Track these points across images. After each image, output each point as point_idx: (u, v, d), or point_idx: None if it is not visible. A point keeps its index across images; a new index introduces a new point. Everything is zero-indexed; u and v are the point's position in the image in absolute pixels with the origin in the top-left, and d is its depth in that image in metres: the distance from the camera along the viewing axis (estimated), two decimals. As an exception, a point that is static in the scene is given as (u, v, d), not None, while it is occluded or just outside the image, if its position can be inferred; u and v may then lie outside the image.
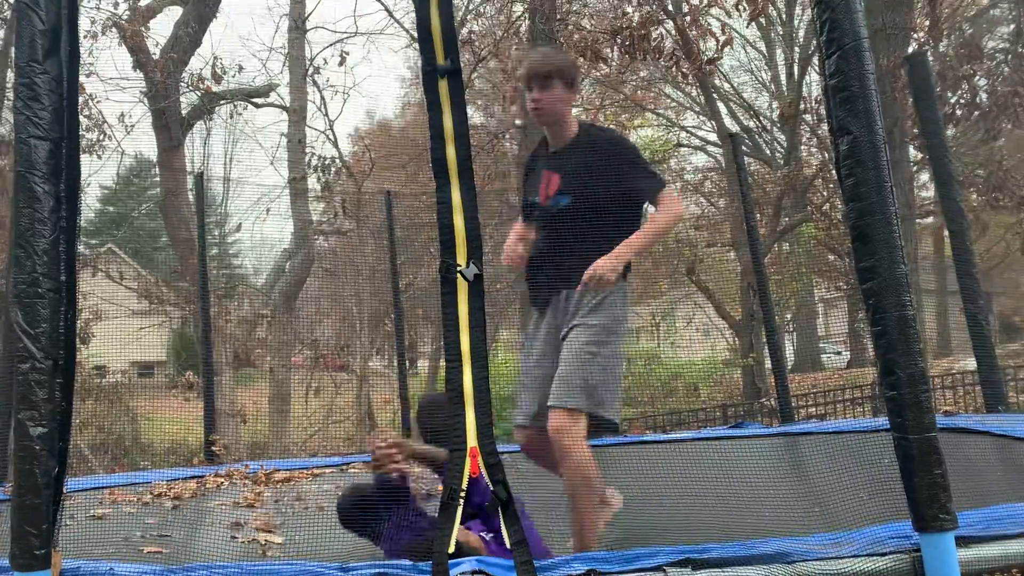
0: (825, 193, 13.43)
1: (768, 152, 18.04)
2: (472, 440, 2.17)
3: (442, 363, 2.35)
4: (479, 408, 2.18)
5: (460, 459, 2.16)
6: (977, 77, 9.97)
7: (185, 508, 4.30)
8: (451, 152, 2.25)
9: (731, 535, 2.56)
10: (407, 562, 2.20)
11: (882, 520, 2.44)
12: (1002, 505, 2.70)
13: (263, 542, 3.54)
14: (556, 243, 2.94)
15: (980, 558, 2.24)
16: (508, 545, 2.11)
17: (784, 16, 16.35)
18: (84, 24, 10.49)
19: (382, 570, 2.17)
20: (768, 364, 9.41)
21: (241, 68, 12.09)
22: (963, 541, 2.19)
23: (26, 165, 2.13)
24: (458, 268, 2.20)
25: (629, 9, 9.31)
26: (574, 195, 2.92)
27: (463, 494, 2.12)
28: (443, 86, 2.26)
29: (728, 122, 17.27)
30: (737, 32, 13.16)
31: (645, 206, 3.06)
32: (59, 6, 2.21)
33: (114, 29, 10.37)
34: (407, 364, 8.04)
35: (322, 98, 13.34)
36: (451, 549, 2.09)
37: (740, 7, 8.41)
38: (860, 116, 2.14)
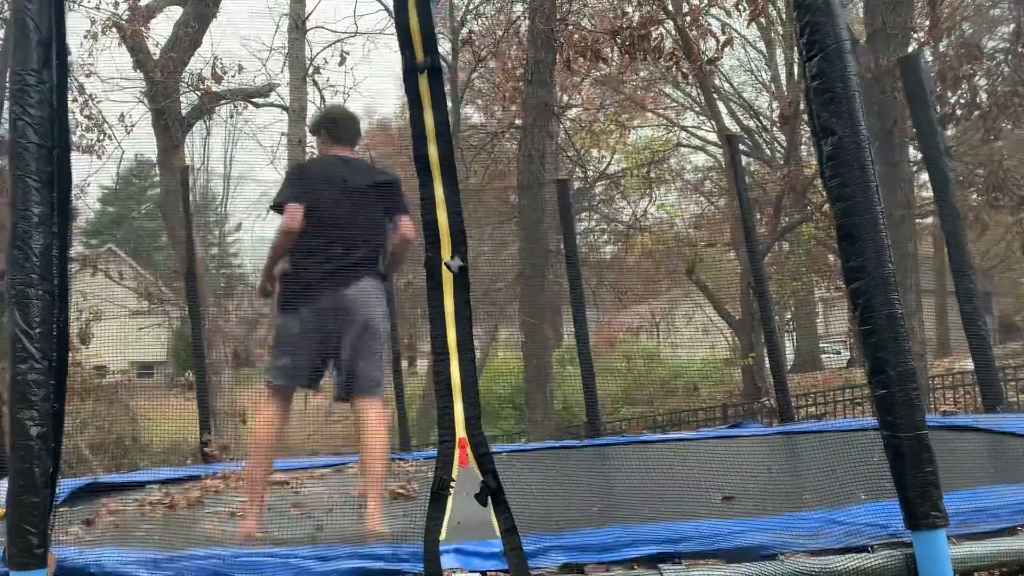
0: (825, 193, 13.38)
1: (768, 152, 18.03)
2: (460, 431, 2.20)
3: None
4: (467, 400, 2.22)
5: (449, 450, 2.19)
6: (977, 77, 9.96)
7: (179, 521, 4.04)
8: (433, 149, 2.29)
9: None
10: (387, 550, 2.23)
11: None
12: (981, 488, 2.70)
13: None
14: None
15: (973, 555, 2.24)
16: (498, 533, 2.14)
17: (784, 16, 16.33)
18: (84, 24, 10.52)
19: (361, 563, 2.19)
20: (768, 364, 9.41)
21: (241, 68, 12.02)
22: (955, 539, 2.20)
23: (23, 169, 2.15)
24: (444, 262, 2.23)
25: (629, 9, 9.32)
26: None
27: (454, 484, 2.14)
28: (423, 84, 2.29)
29: (728, 122, 17.26)
30: (737, 32, 13.16)
31: None
32: (50, 13, 2.23)
33: (114, 29, 10.38)
34: (406, 363, 8.04)
35: (322, 98, 13.32)
36: (443, 537, 2.12)
37: (740, 7, 8.43)
38: (844, 117, 2.16)
